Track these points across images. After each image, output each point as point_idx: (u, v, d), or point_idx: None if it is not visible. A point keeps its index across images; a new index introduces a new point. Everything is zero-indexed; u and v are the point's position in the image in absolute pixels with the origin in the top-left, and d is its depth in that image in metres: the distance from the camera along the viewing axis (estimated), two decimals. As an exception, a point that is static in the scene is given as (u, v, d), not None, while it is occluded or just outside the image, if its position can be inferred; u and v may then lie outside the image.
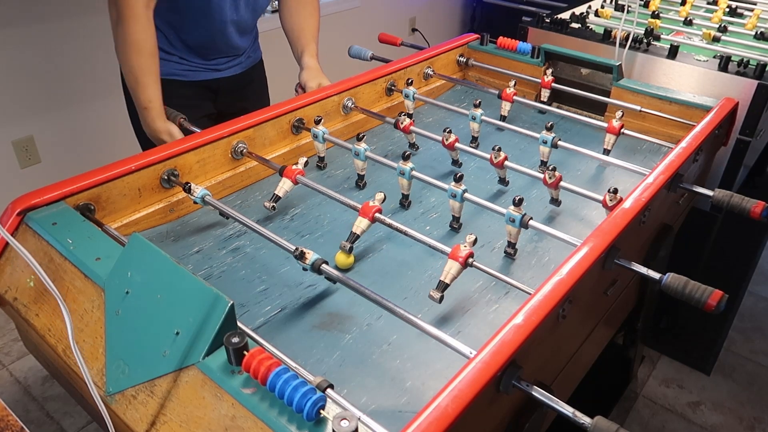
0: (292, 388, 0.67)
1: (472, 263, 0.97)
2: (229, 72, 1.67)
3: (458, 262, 0.96)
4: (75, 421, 1.87)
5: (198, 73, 1.60)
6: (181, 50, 1.56)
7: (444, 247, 1.00)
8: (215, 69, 1.63)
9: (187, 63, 1.57)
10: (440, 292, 0.97)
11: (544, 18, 2.05)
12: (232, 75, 1.68)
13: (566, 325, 0.93)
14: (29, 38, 2.32)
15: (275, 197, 1.20)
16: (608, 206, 1.14)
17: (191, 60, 1.58)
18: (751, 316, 2.35)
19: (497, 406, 0.81)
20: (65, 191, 1.06)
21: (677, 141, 1.33)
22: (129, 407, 0.80)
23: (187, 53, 1.57)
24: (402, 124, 1.42)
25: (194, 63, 1.59)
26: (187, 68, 1.58)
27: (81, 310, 0.90)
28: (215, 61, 1.62)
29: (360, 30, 3.62)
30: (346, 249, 1.09)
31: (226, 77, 1.67)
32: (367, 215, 1.08)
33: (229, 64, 1.66)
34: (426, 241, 1.03)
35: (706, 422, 1.93)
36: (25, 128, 2.42)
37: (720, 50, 1.87)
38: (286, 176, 1.19)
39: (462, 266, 0.97)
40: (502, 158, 1.27)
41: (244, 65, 1.71)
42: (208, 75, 1.62)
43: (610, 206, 1.13)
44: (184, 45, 1.56)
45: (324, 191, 1.18)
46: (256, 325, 0.98)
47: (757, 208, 1.14)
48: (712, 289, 0.92)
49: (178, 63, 1.56)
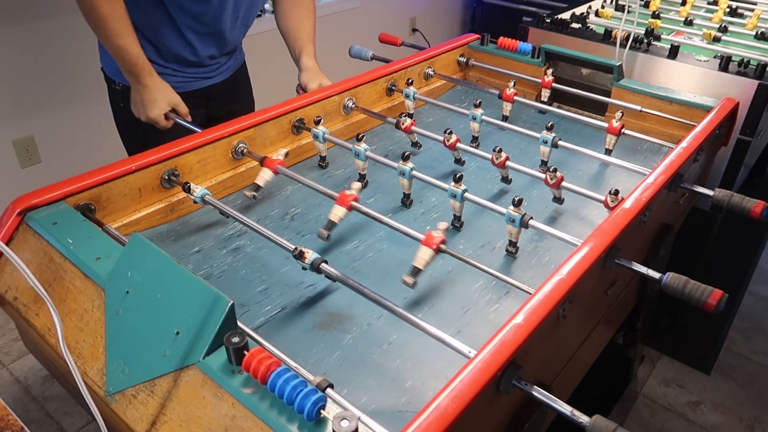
0: (292, 387, 0.67)
1: (444, 249, 0.99)
2: (219, 77, 1.68)
3: (432, 249, 0.99)
4: (75, 421, 1.87)
5: (192, 83, 1.61)
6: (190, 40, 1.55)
7: (418, 234, 1.03)
8: (207, 77, 1.64)
9: (181, 74, 1.57)
10: (414, 278, 1.00)
11: (545, 18, 2.05)
12: (222, 80, 1.69)
13: (566, 324, 0.93)
14: (29, 38, 2.32)
15: (255, 186, 1.24)
16: (609, 207, 1.14)
17: (185, 70, 1.58)
18: (751, 316, 2.35)
19: (497, 406, 0.81)
20: (65, 191, 1.06)
21: (678, 141, 1.33)
22: (129, 407, 0.80)
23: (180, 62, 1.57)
24: (403, 124, 1.42)
25: (188, 73, 1.59)
26: (182, 79, 1.58)
27: (81, 309, 0.90)
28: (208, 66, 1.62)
29: (360, 30, 3.62)
30: (324, 237, 1.12)
31: (217, 83, 1.67)
32: (344, 203, 1.11)
33: (220, 69, 1.67)
34: (400, 228, 1.06)
35: (706, 422, 1.93)
36: (25, 128, 2.42)
37: (720, 50, 1.87)
38: (267, 166, 1.23)
39: (435, 252, 0.99)
40: (503, 159, 1.27)
41: (232, 68, 1.72)
42: (201, 84, 1.63)
43: (611, 207, 1.14)
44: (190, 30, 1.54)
45: (323, 191, 1.18)
46: (256, 324, 0.98)
47: (758, 208, 1.14)
48: (712, 288, 0.92)
49: (173, 75, 1.56)
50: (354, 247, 1.17)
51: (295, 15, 1.67)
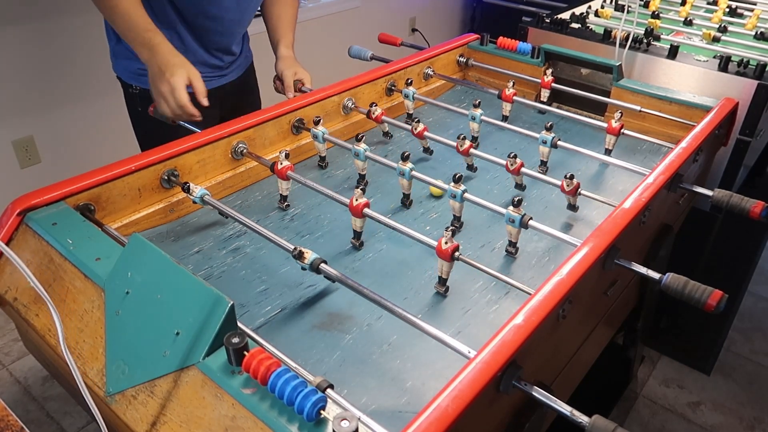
0: (292, 388, 0.67)
1: (458, 257, 1.00)
2: (232, 76, 1.68)
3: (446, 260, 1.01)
4: (75, 421, 1.87)
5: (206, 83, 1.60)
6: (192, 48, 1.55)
7: (418, 234, 1.04)
8: (219, 75, 1.64)
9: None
10: (443, 286, 1.04)
11: (544, 18, 2.05)
12: (233, 79, 1.69)
13: (566, 325, 0.93)
14: (29, 38, 2.32)
15: (282, 198, 1.27)
16: (566, 191, 1.19)
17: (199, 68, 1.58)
18: (751, 316, 2.35)
19: (497, 406, 0.81)
20: (65, 191, 1.06)
21: (677, 141, 1.33)
22: (129, 407, 0.80)
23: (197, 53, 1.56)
24: (416, 130, 1.41)
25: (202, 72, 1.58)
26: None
27: (81, 310, 0.90)
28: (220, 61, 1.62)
29: (360, 30, 3.62)
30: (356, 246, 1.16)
31: (229, 82, 1.68)
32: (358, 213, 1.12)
33: (231, 68, 1.67)
34: (400, 229, 1.07)
35: (706, 422, 1.93)
36: (25, 128, 2.42)
37: (720, 50, 1.87)
38: (279, 176, 1.24)
39: (450, 262, 1.01)
40: (518, 165, 1.26)
41: (242, 67, 1.72)
42: (215, 83, 1.62)
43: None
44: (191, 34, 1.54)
45: (323, 191, 1.18)
46: (256, 325, 0.98)
47: (757, 208, 1.14)
48: (712, 289, 0.92)
49: None
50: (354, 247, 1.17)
51: (280, 6, 1.69)
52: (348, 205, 1.11)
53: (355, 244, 1.16)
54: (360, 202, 1.10)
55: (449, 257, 0.99)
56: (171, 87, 1.26)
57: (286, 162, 1.22)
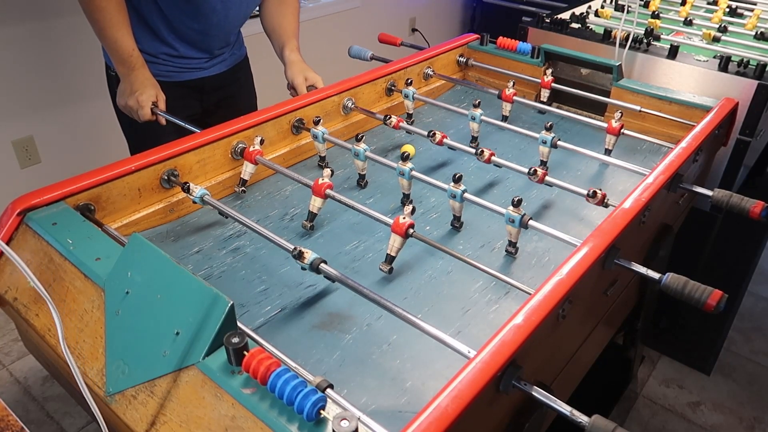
0: (292, 388, 0.67)
1: (412, 233, 1.02)
2: (214, 70, 1.68)
3: (400, 235, 1.03)
4: (75, 421, 1.87)
5: (183, 74, 1.60)
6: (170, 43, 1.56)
7: (387, 219, 1.06)
8: (200, 68, 1.64)
9: (172, 64, 1.58)
10: (389, 265, 1.06)
11: (544, 18, 2.05)
12: (217, 73, 1.69)
13: (566, 325, 0.93)
14: (29, 38, 2.32)
15: (242, 181, 1.28)
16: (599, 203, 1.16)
17: (176, 60, 1.58)
18: (751, 316, 2.35)
19: (497, 406, 0.81)
20: (65, 191, 1.06)
21: (677, 141, 1.33)
22: (129, 407, 0.80)
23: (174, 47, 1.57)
24: (435, 139, 1.37)
25: (180, 63, 1.59)
26: (173, 69, 1.58)
27: (81, 310, 0.90)
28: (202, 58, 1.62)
29: (360, 30, 3.62)
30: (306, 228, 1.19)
31: (211, 76, 1.67)
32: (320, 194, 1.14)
33: (213, 62, 1.66)
34: (370, 214, 1.09)
35: (706, 422, 1.93)
36: (25, 128, 2.42)
37: (720, 50, 1.88)
38: (247, 159, 1.26)
39: (404, 238, 1.03)
40: (542, 174, 1.22)
41: (228, 62, 1.71)
42: (194, 74, 1.62)
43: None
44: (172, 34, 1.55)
45: (291, 175, 1.19)
46: (256, 325, 0.98)
47: (757, 208, 1.14)
48: (711, 289, 0.92)
49: (164, 64, 1.56)
50: (354, 248, 1.17)
51: (279, 12, 1.68)
52: (312, 185, 1.14)
53: (306, 226, 1.17)
54: (324, 183, 1.12)
55: (404, 233, 1.02)
56: (138, 105, 1.41)
57: (258, 147, 1.26)
